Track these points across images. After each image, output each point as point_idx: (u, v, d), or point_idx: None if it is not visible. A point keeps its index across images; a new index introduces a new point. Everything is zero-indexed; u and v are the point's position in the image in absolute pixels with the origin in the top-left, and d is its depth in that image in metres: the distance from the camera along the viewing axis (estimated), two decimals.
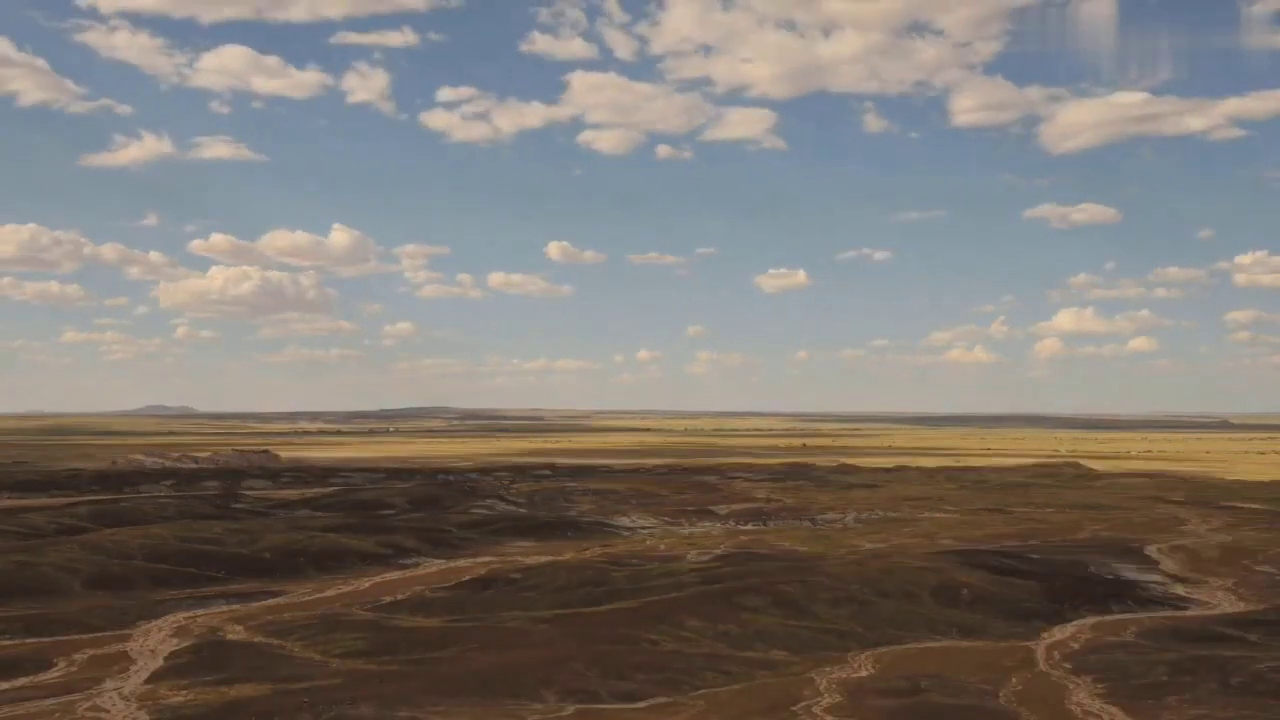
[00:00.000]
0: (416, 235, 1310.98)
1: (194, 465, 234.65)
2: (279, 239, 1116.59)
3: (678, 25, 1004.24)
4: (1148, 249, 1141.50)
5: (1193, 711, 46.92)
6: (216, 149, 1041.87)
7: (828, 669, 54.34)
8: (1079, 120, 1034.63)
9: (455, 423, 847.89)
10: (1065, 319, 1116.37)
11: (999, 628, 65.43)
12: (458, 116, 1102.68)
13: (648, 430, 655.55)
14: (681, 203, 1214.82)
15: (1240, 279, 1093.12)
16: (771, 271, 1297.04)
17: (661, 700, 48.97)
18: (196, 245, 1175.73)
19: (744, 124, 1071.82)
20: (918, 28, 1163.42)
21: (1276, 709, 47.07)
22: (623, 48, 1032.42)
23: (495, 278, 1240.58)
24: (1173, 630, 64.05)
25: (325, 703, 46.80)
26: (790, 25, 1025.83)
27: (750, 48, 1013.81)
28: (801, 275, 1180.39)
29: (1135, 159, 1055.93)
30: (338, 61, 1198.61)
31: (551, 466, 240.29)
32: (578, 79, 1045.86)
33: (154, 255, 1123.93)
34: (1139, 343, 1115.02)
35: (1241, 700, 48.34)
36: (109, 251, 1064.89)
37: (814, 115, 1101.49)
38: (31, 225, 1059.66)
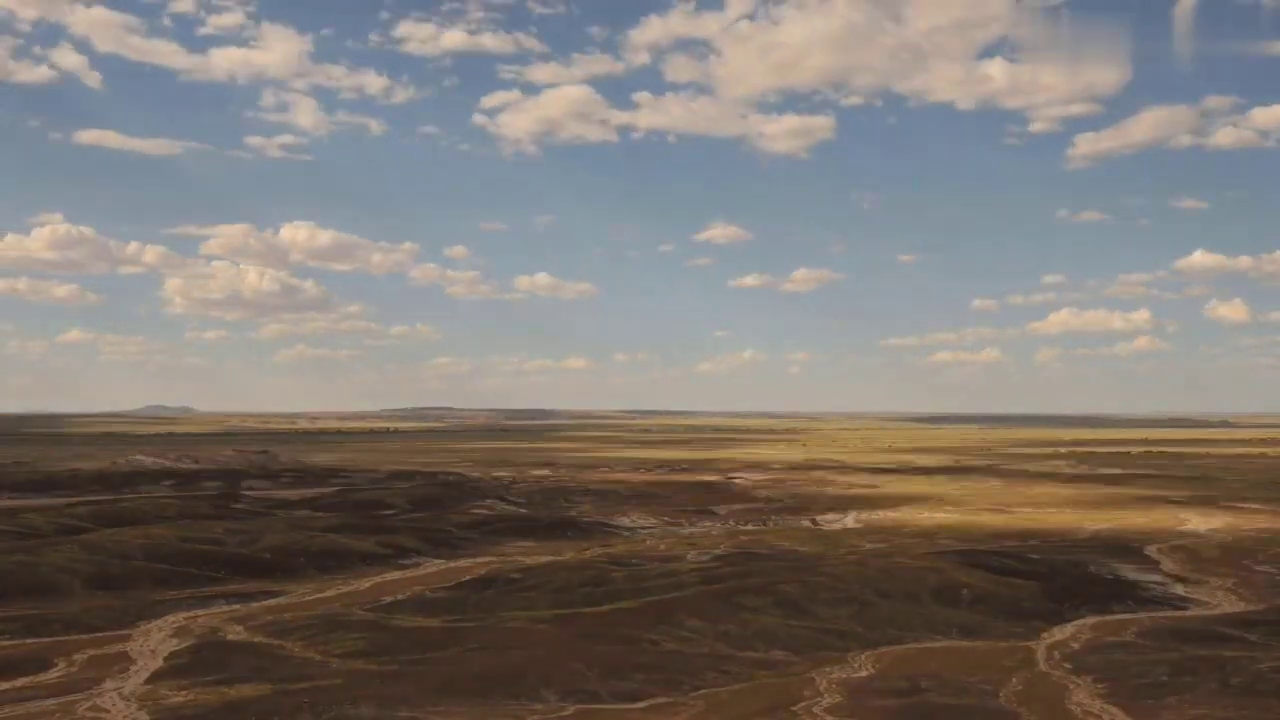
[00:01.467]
0: (447, 238, 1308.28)
1: (194, 465, 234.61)
2: (298, 237, 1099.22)
3: (729, 37, 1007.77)
4: (1150, 250, 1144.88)
5: (1193, 711, 46.90)
6: (231, 145, 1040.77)
7: (828, 669, 54.31)
8: (1097, 131, 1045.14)
9: (455, 423, 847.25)
10: (1067, 319, 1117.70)
11: (999, 628, 65.35)
12: (499, 120, 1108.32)
13: (648, 431, 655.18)
14: (714, 207, 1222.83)
15: (1238, 279, 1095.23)
16: (790, 273, 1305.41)
17: (661, 700, 48.93)
18: (207, 245, 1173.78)
19: (790, 132, 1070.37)
20: (989, 50, 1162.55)
21: (1276, 709, 47.04)
22: (678, 63, 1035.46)
23: (522, 280, 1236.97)
24: (1173, 630, 63.97)
25: (325, 703, 46.81)
26: (839, 39, 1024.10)
27: (803, 58, 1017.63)
28: (816, 277, 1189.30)
29: (1143, 166, 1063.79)
30: (376, 60, 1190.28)
31: (551, 466, 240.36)
32: (637, 94, 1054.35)
33: (161, 254, 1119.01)
34: (1140, 342, 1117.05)
35: (1241, 700, 48.30)
36: (115, 249, 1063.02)
37: (854, 124, 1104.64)
38: (43, 223, 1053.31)
